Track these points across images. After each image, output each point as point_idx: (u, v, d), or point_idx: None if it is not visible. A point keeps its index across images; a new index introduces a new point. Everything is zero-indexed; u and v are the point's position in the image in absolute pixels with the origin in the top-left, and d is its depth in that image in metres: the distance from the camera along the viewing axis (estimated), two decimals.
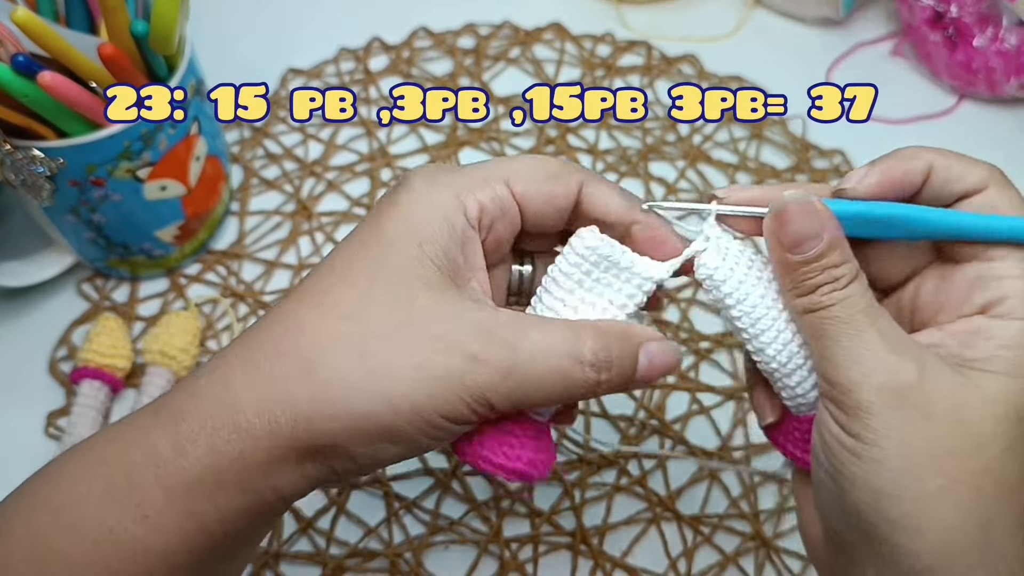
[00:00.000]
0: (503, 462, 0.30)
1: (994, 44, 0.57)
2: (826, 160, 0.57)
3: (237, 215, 0.54)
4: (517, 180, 0.30)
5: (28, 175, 0.42)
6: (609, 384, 0.29)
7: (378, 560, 0.42)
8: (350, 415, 0.27)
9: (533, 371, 0.27)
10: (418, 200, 0.29)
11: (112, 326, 0.47)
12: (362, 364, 0.27)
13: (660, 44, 0.63)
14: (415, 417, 0.27)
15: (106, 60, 0.40)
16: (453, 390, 0.27)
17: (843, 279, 0.27)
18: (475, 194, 0.29)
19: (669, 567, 0.43)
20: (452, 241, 0.29)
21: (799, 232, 0.28)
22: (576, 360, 0.28)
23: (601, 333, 0.29)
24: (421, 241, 0.28)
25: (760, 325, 0.30)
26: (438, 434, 0.28)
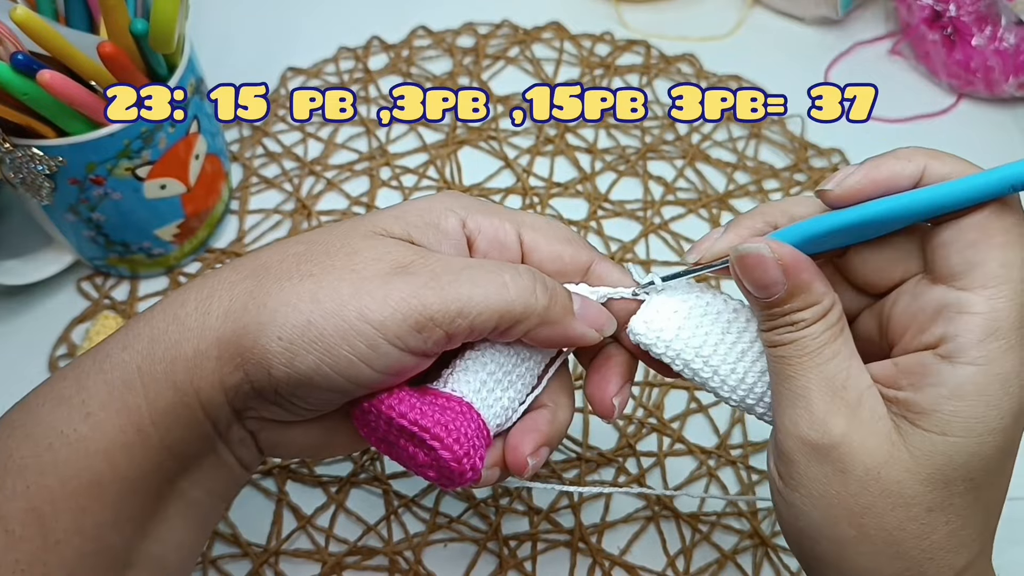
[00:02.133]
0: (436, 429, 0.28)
1: (992, 43, 0.57)
2: (825, 159, 0.58)
3: (237, 214, 0.54)
4: (528, 229, 0.31)
5: (28, 174, 0.42)
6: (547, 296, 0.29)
7: (377, 557, 0.43)
8: (274, 305, 0.27)
9: (468, 272, 0.28)
10: (425, 197, 0.31)
11: (112, 324, 0.47)
12: (299, 270, 0.28)
13: (659, 43, 0.63)
14: (335, 314, 0.27)
15: (106, 59, 0.40)
16: (380, 290, 0.27)
17: (801, 322, 0.28)
18: (478, 219, 0.31)
19: (667, 565, 0.43)
20: (434, 228, 0.30)
21: (759, 281, 0.28)
22: (510, 268, 0.29)
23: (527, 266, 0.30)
24: (403, 214, 0.30)
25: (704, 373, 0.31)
26: (359, 344, 0.27)
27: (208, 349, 0.28)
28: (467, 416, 0.29)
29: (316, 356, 0.27)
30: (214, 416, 0.29)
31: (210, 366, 0.28)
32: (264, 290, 0.28)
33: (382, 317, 0.27)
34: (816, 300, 0.28)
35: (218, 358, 0.28)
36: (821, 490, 0.27)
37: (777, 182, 0.56)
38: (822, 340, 0.27)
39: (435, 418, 0.28)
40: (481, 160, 0.57)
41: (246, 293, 0.28)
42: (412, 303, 0.27)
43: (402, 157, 0.57)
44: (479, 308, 0.28)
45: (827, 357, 0.27)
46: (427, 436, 0.28)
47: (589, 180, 0.56)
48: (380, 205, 0.55)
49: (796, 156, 0.58)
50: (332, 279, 0.28)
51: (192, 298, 0.29)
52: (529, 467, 0.31)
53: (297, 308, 0.27)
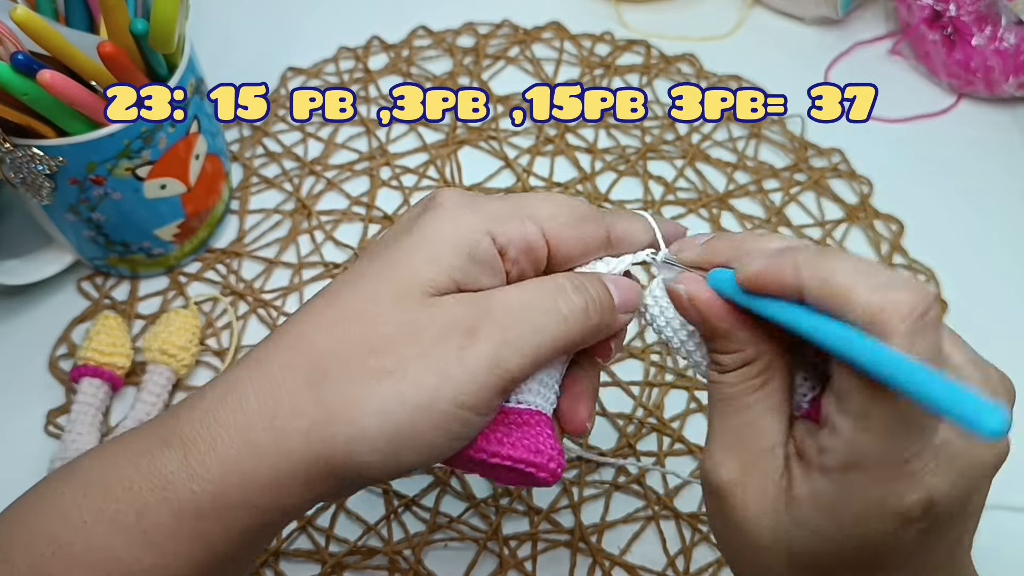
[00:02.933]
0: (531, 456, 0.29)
1: (992, 43, 0.57)
2: (824, 159, 0.58)
3: (237, 213, 0.54)
4: (550, 222, 0.30)
5: (28, 173, 0.42)
6: (599, 311, 0.29)
7: (377, 558, 0.43)
8: (364, 420, 0.26)
9: (528, 318, 0.28)
10: (448, 219, 0.29)
11: (112, 324, 0.47)
12: (371, 366, 0.27)
13: (659, 43, 0.63)
14: (428, 411, 0.26)
15: (106, 59, 0.40)
16: (460, 370, 0.27)
17: (721, 367, 0.29)
18: (505, 227, 0.29)
19: (667, 565, 0.43)
20: (473, 263, 0.28)
21: (687, 316, 0.29)
22: (560, 291, 0.29)
23: (564, 273, 0.30)
24: (439, 254, 0.28)
25: (696, 356, 0.31)
26: (454, 427, 0.27)
27: (293, 471, 0.27)
28: (545, 424, 0.30)
29: (416, 453, 0.27)
30: (297, 517, 0.29)
31: (298, 487, 0.27)
32: (339, 400, 0.26)
33: (476, 399, 0.27)
34: (735, 348, 0.28)
35: (307, 480, 0.27)
36: (715, 525, 0.29)
37: (777, 182, 0.56)
38: (736, 390, 0.28)
39: (525, 445, 0.29)
40: (481, 160, 0.57)
41: (319, 407, 0.26)
42: (497, 373, 0.27)
43: (402, 157, 0.57)
44: (548, 351, 0.28)
45: (737, 408, 0.28)
46: (523, 466, 0.29)
47: (589, 180, 0.56)
48: (380, 205, 0.55)
49: (796, 156, 0.58)
50: (412, 373, 0.26)
51: (256, 413, 0.27)
52: (589, 428, 0.32)
53: (387, 414, 0.26)
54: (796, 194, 0.56)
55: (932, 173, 0.57)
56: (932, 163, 0.58)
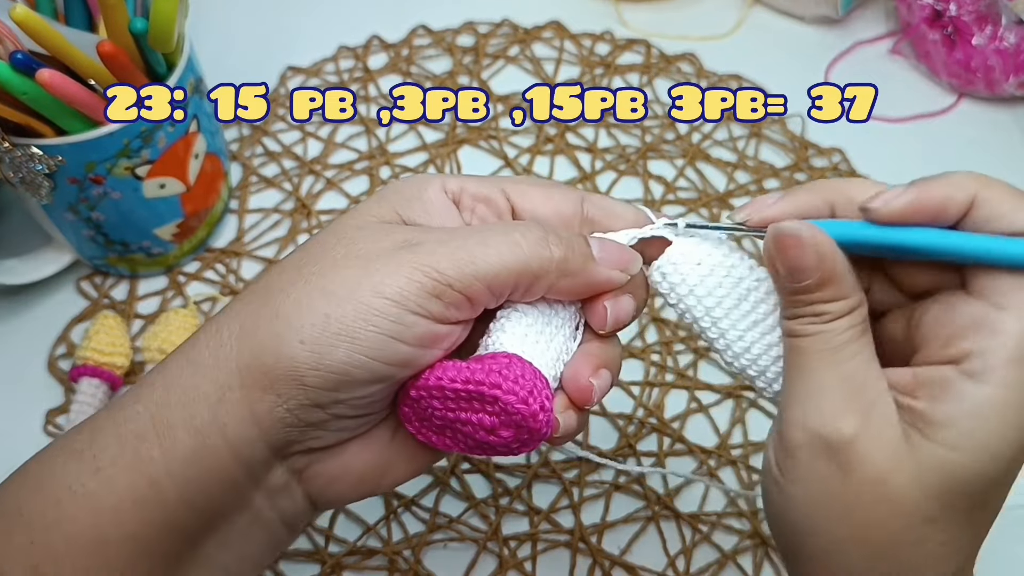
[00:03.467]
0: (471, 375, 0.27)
1: (993, 43, 0.57)
2: (825, 159, 0.57)
3: (236, 213, 0.54)
4: (510, 183, 0.30)
5: (27, 173, 0.42)
6: (562, 246, 0.28)
7: (377, 558, 0.43)
8: (287, 310, 0.26)
9: (476, 234, 0.28)
10: (403, 179, 0.31)
11: (111, 324, 0.47)
12: (302, 273, 0.27)
13: (659, 43, 0.63)
14: (349, 298, 0.26)
15: (105, 58, 0.40)
16: (387, 264, 0.26)
17: (827, 316, 0.27)
18: (460, 181, 0.30)
19: (667, 565, 0.43)
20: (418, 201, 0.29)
21: (792, 262, 0.27)
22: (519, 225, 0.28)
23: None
24: (385, 194, 0.30)
25: (711, 334, 0.31)
26: (382, 321, 0.26)
27: (228, 379, 0.26)
28: (518, 363, 0.28)
29: (344, 347, 0.26)
30: (246, 457, 0.27)
31: (234, 397, 0.26)
32: (271, 302, 0.27)
33: (398, 287, 0.26)
34: (845, 294, 0.27)
35: (242, 386, 0.26)
36: (822, 487, 0.26)
37: (777, 181, 0.56)
38: (845, 337, 0.27)
39: (486, 370, 0.27)
40: (481, 159, 0.57)
41: (254, 313, 0.27)
42: (424, 270, 0.26)
43: (402, 156, 0.57)
44: (494, 269, 0.27)
45: (848, 355, 0.27)
46: (485, 387, 0.27)
47: (589, 179, 0.56)
48: None
49: (796, 155, 0.58)
50: (337, 269, 0.27)
51: (202, 338, 0.28)
52: (595, 390, 0.29)
53: (310, 307, 0.26)
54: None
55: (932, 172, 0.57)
56: (933, 162, 0.58)
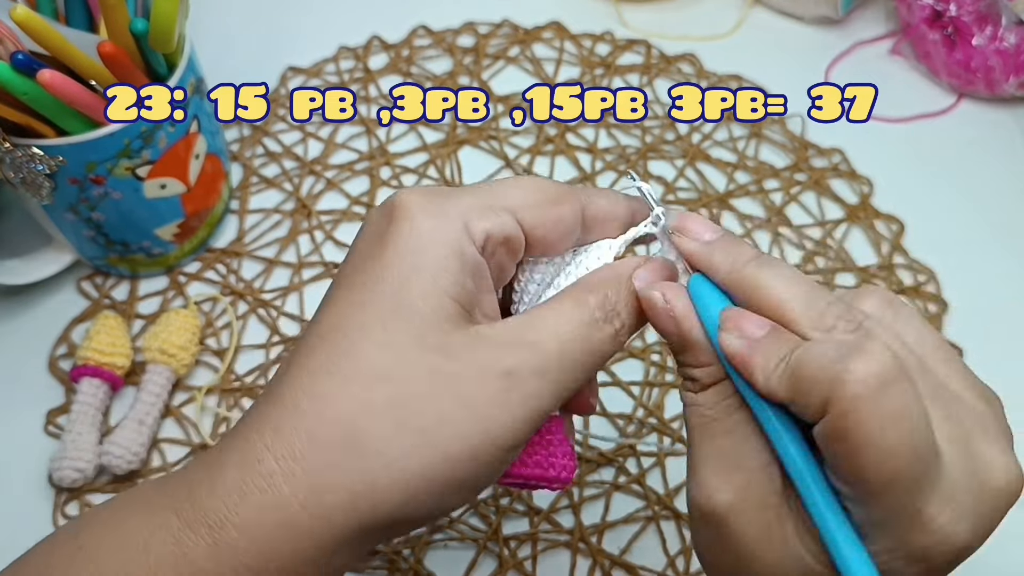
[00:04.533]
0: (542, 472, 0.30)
1: (993, 43, 0.57)
2: (825, 159, 0.57)
3: (237, 213, 0.54)
4: (522, 210, 0.29)
5: (28, 173, 0.42)
6: (627, 327, 0.29)
7: (377, 558, 0.43)
8: (409, 481, 0.25)
9: (564, 356, 0.27)
10: (424, 231, 0.27)
11: (112, 324, 0.47)
12: (407, 424, 0.25)
13: (659, 43, 0.63)
14: (472, 461, 0.26)
15: (106, 58, 0.40)
16: (502, 414, 0.26)
17: (696, 383, 0.27)
18: (481, 223, 0.28)
19: (668, 565, 0.43)
20: (464, 272, 0.27)
21: (654, 325, 0.28)
22: (591, 323, 0.28)
23: (595, 285, 0.29)
24: (434, 276, 0.26)
25: None
26: (497, 468, 0.27)
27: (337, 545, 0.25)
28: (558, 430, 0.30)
29: (461, 498, 0.27)
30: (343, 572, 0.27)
31: (343, 551, 0.26)
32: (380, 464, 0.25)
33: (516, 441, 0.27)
34: (706, 362, 0.27)
35: (352, 545, 0.26)
36: (710, 556, 0.27)
37: (777, 182, 0.56)
38: (716, 412, 0.26)
39: (536, 461, 0.30)
40: (481, 160, 0.57)
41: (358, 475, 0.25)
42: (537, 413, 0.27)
43: (402, 157, 0.57)
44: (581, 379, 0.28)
45: (720, 431, 0.26)
46: (533, 482, 0.30)
47: (589, 180, 0.56)
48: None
49: (797, 156, 0.58)
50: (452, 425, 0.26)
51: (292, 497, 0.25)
52: (595, 405, 0.32)
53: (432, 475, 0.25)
54: (796, 194, 0.56)
55: (932, 173, 0.57)
56: (933, 163, 0.58)
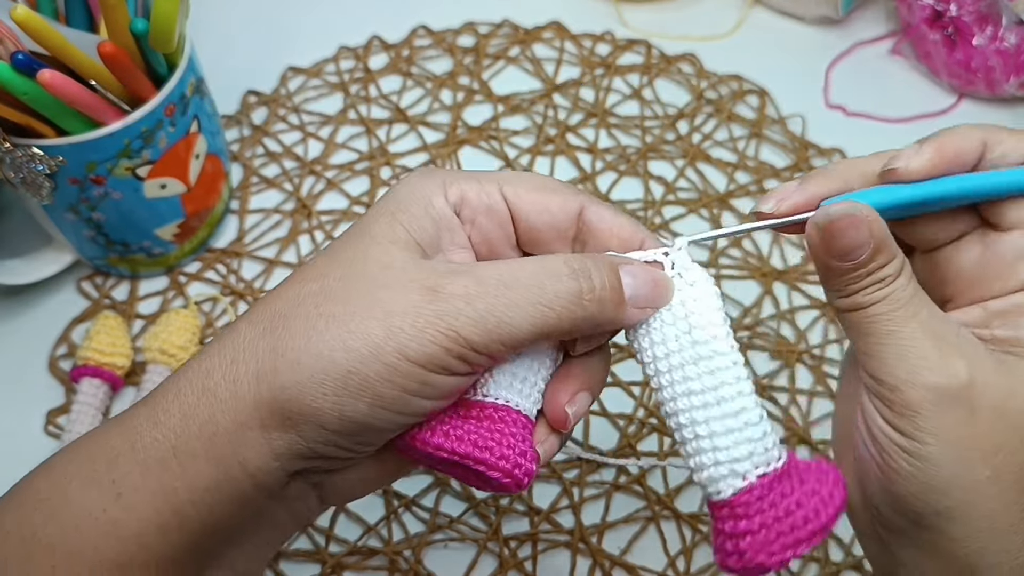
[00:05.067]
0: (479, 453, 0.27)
1: (993, 43, 0.57)
2: (825, 159, 0.57)
3: (237, 213, 0.54)
4: (509, 184, 0.30)
5: (28, 173, 0.42)
6: (597, 303, 0.27)
7: (377, 558, 0.43)
8: (309, 361, 0.26)
9: (504, 290, 0.26)
10: (403, 184, 0.30)
11: (112, 324, 0.47)
12: (320, 313, 0.27)
13: (659, 43, 0.63)
14: (374, 358, 0.26)
15: (106, 58, 0.40)
16: (412, 324, 0.26)
17: (888, 278, 0.27)
18: (460, 184, 0.29)
19: (668, 565, 0.43)
20: (426, 217, 0.29)
21: (847, 245, 0.27)
22: (551, 272, 0.27)
23: (573, 254, 0.29)
24: (395, 211, 0.29)
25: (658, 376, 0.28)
26: (403, 381, 0.26)
27: (247, 418, 0.27)
28: (506, 421, 0.28)
29: (367, 402, 0.26)
30: (265, 483, 0.27)
31: (253, 435, 0.27)
32: (289, 344, 0.26)
33: (423, 351, 0.26)
34: (896, 253, 0.27)
35: (261, 426, 0.27)
36: (954, 435, 0.26)
37: (778, 182, 0.56)
38: (911, 291, 0.27)
39: (473, 440, 0.27)
40: (482, 160, 0.57)
41: (270, 350, 0.27)
42: (450, 335, 0.26)
43: (402, 157, 0.57)
44: (521, 335, 0.26)
45: (921, 305, 0.27)
46: (470, 462, 0.27)
47: (590, 180, 0.56)
48: None
49: (797, 156, 0.58)
50: (359, 320, 0.26)
51: (216, 365, 0.27)
52: (570, 417, 0.29)
53: (332, 360, 0.26)
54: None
55: None
56: None
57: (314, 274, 0.28)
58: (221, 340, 0.28)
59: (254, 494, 0.28)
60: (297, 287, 0.28)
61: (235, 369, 0.27)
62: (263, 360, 0.27)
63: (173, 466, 0.27)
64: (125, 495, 0.27)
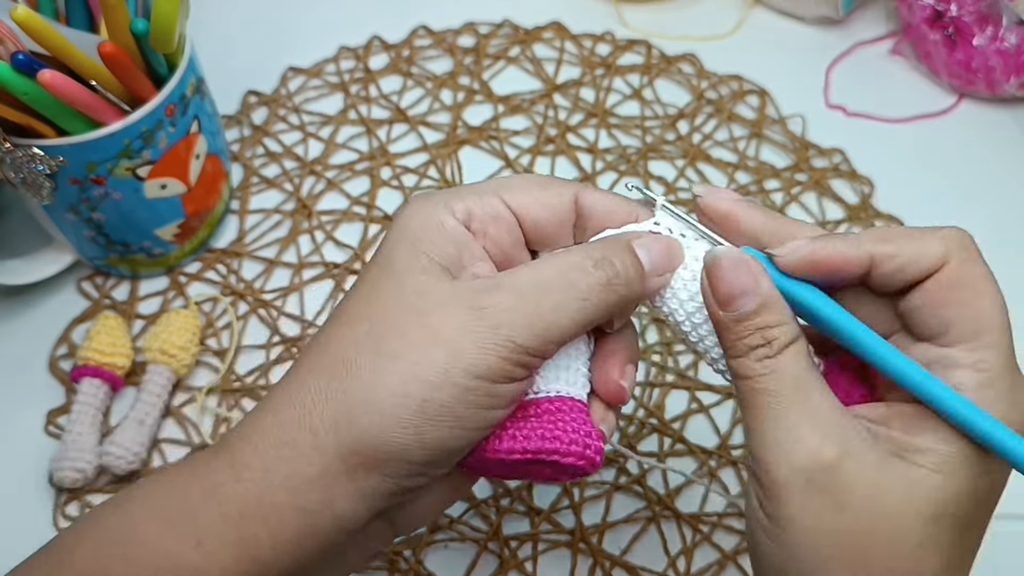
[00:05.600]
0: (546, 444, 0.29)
1: (994, 43, 0.57)
2: (825, 159, 0.57)
3: (237, 213, 0.54)
4: (507, 190, 0.31)
5: (28, 173, 0.42)
6: (625, 284, 0.29)
7: (377, 558, 0.43)
8: (384, 399, 0.27)
9: (543, 295, 0.28)
10: (411, 213, 0.30)
11: (112, 324, 0.47)
12: (381, 352, 0.28)
13: (660, 43, 0.63)
14: (445, 382, 0.27)
15: (106, 58, 0.40)
16: (472, 343, 0.27)
17: (776, 343, 0.27)
18: (462, 201, 0.30)
19: (668, 565, 0.43)
20: (444, 239, 0.30)
21: (731, 287, 0.27)
22: (577, 268, 0.28)
23: (588, 245, 0.30)
24: (412, 242, 0.30)
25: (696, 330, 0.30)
26: (476, 398, 0.27)
27: (332, 464, 0.27)
28: (563, 410, 0.30)
29: (448, 425, 0.27)
30: (349, 525, 0.28)
31: (341, 481, 0.27)
32: (359, 386, 0.27)
33: (487, 366, 0.27)
34: (787, 320, 0.27)
35: (347, 471, 0.27)
36: (814, 523, 0.26)
37: (778, 182, 0.56)
38: (801, 370, 0.27)
39: (540, 434, 0.29)
40: (482, 160, 0.57)
41: (343, 397, 0.27)
42: (508, 346, 0.27)
43: (403, 157, 0.57)
44: (567, 330, 0.28)
45: (809, 389, 0.27)
46: (543, 455, 0.29)
47: (590, 180, 0.56)
48: (380, 205, 0.55)
49: (797, 156, 0.58)
50: (420, 351, 0.27)
51: (290, 418, 0.28)
52: (626, 389, 0.31)
53: (406, 394, 0.27)
54: (797, 194, 0.56)
55: (933, 173, 0.57)
56: (933, 163, 0.58)
57: (357, 317, 0.29)
58: (285, 392, 0.29)
59: (338, 538, 0.28)
60: (347, 331, 0.29)
61: (311, 420, 0.27)
62: (337, 408, 0.27)
63: (257, 517, 0.27)
64: (205, 543, 0.27)
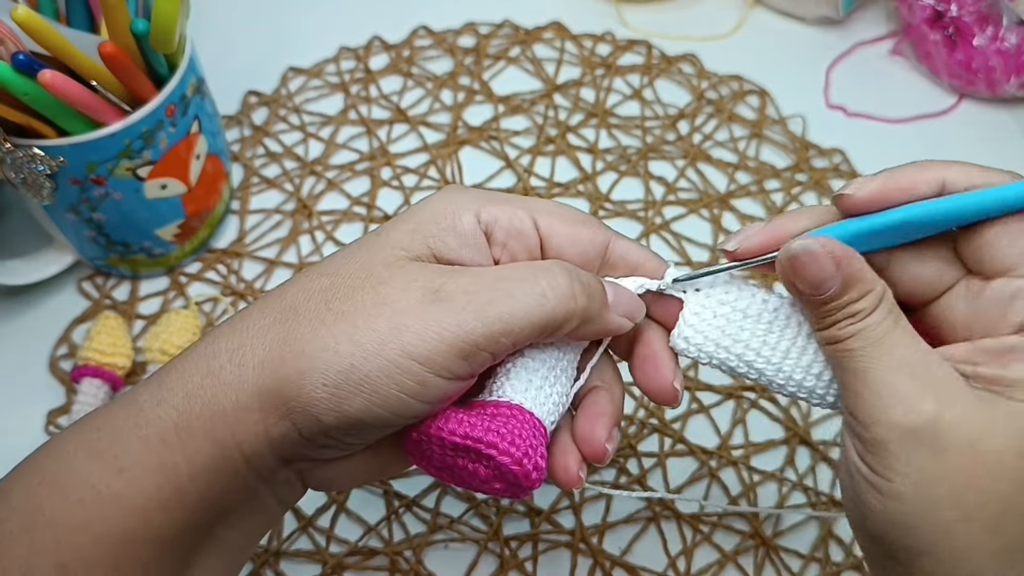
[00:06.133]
0: (491, 438, 0.28)
1: (994, 43, 0.57)
2: (826, 159, 0.57)
3: (237, 214, 0.54)
4: (542, 213, 0.31)
5: (28, 173, 0.42)
6: (587, 295, 0.29)
7: (378, 558, 0.43)
8: (314, 352, 0.27)
9: (503, 281, 0.28)
10: (436, 197, 0.30)
11: (112, 324, 0.47)
12: (330, 308, 0.28)
13: (660, 43, 0.63)
14: (377, 354, 0.26)
15: (106, 59, 0.40)
16: (417, 321, 0.27)
17: (862, 312, 0.27)
18: (494, 207, 0.30)
19: (668, 566, 0.43)
20: (449, 232, 0.29)
21: (812, 277, 0.27)
22: (544, 270, 0.28)
23: (564, 261, 0.30)
24: (419, 221, 0.30)
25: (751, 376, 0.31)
26: (405, 380, 0.27)
27: (248, 402, 0.27)
28: (519, 418, 0.29)
29: (364, 398, 0.27)
30: (258, 466, 0.28)
31: (252, 419, 0.28)
32: (297, 335, 0.27)
33: (427, 351, 0.27)
34: (871, 287, 0.27)
35: (260, 410, 0.27)
36: (921, 474, 0.26)
37: (778, 182, 0.56)
38: (886, 326, 0.27)
39: (486, 426, 0.28)
40: (482, 160, 0.57)
41: (279, 340, 0.28)
42: (455, 332, 0.27)
43: (403, 157, 0.57)
44: (521, 324, 0.27)
45: (896, 342, 0.27)
46: (482, 446, 0.28)
47: (590, 180, 0.56)
48: (381, 205, 0.55)
49: (797, 156, 0.58)
50: (366, 317, 0.27)
51: (223, 348, 0.28)
52: (608, 453, 0.31)
53: (337, 352, 0.27)
54: (797, 194, 0.56)
55: None
56: None
57: (326, 270, 0.29)
58: (230, 325, 0.29)
59: (248, 475, 0.29)
60: (309, 282, 0.29)
61: (242, 354, 0.28)
62: (270, 348, 0.28)
63: (175, 444, 0.28)
64: (128, 470, 0.27)
